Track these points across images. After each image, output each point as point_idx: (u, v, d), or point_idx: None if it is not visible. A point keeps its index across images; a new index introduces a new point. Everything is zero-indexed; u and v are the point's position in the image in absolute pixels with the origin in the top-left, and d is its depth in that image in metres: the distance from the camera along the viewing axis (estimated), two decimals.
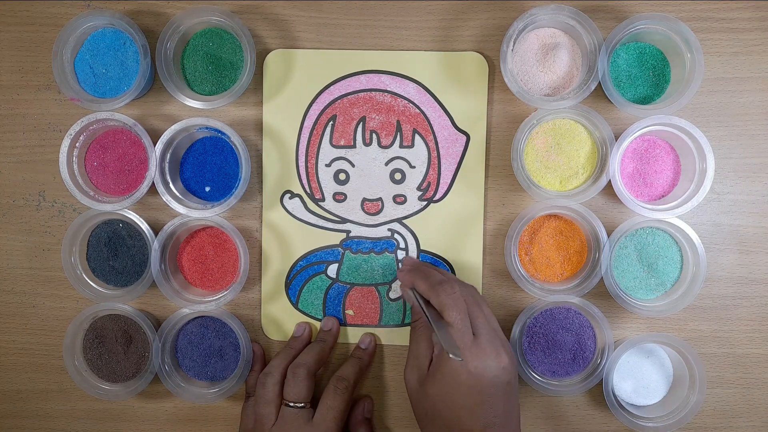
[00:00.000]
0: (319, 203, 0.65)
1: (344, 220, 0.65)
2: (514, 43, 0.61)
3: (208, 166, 0.65)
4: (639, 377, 0.64)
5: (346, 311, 0.65)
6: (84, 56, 0.64)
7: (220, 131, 0.62)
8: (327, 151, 0.65)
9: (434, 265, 0.64)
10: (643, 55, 0.63)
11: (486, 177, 0.65)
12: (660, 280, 0.63)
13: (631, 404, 0.64)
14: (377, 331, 0.66)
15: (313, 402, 0.62)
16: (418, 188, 0.65)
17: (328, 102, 0.65)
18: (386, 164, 0.65)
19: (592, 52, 0.60)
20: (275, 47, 0.65)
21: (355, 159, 0.65)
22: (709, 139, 0.60)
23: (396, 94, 0.64)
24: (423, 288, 0.57)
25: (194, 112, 0.65)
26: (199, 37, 0.64)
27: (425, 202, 0.65)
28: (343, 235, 0.65)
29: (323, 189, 0.65)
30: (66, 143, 0.63)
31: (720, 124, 0.63)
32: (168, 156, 0.63)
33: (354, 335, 0.66)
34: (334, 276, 0.65)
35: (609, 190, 0.61)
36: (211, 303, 0.63)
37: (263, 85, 0.65)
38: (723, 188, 0.64)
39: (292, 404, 0.60)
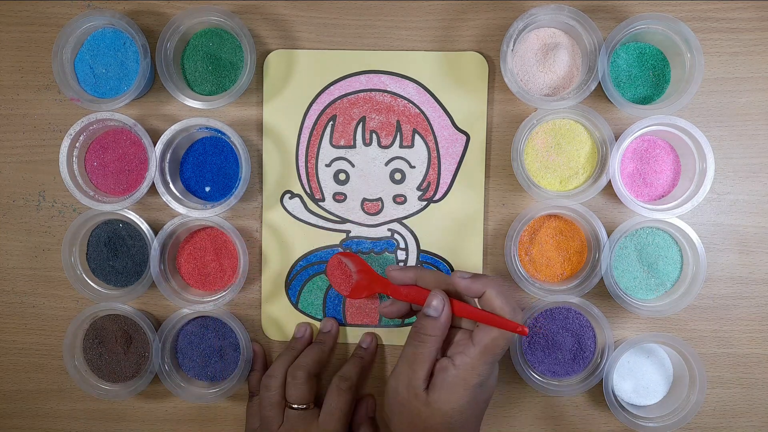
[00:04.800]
0: (319, 203, 0.65)
1: (344, 220, 0.65)
2: (514, 43, 0.61)
3: (208, 166, 0.65)
4: (639, 377, 0.64)
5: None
6: (84, 56, 0.64)
7: (220, 131, 0.62)
8: (327, 151, 0.65)
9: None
10: (643, 55, 0.63)
11: (486, 177, 0.65)
12: (660, 280, 0.63)
13: (631, 404, 0.64)
14: (377, 331, 0.66)
15: (318, 401, 0.62)
16: (418, 188, 0.65)
17: (328, 102, 0.65)
18: (386, 164, 0.65)
19: (592, 52, 0.60)
20: (275, 47, 0.65)
21: (355, 159, 0.65)
22: (709, 139, 0.60)
23: (396, 94, 0.64)
24: (466, 278, 0.54)
25: (194, 112, 0.65)
26: (199, 37, 0.64)
27: (425, 202, 0.65)
28: (343, 235, 0.65)
29: (323, 189, 0.65)
30: (66, 143, 0.63)
31: (720, 124, 0.63)
32: (168, 156, 0.63)
33: (354, 335, 0.66)
34: None
35: (609, 190, 0.61)
36: (210, 303, 0.63)
37: (263, 85, 0.65)
38: (723, 188, 0.64)
39: (295, 406, 0.60)
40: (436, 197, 0.65)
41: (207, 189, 0.65)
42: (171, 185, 0.64)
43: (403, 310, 0.59)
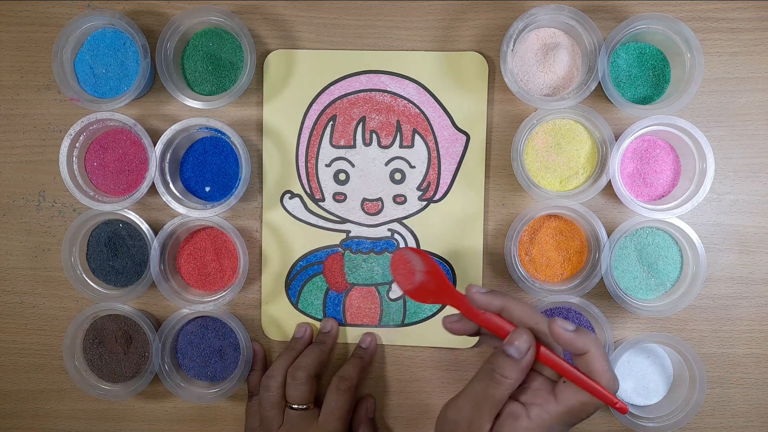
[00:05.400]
0: (319, 203, 0.65)
1: (344, 220, 0.65)
2: (514, 43, 0.61)
3: (208, 166, 0.65)
4: (639, 377, 0.64)
5: None
6: (84, 56, 0.64)
7: (220, 131, 0.62)
8: (327, 151, 0.65)
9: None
10: (643, 55, 0.63)
11: (486, 177, 0.65)
12: (660, 280, 0.63)
13: (631, 404, 0.64)
14: (377, 331, 0.66)
15: (317, 401, 0.62)
16: (418, 188, 0.65)
17: (328, 102, 0.65)
18: (386, 164, 0.65)
19: (592, 52, 0.60)
20: (275, 47, 0.65)
21: (355, 159, 0.65)
22: (709, 139, 0.60)
23: (396, 94, 0.64)
24: (570, 331, 0.47)
25: (194, 112, 0.65)
26: (199, 37, 0.64)
27: (425, 202, 0.65)
28: (343, 235, 0.65)
29: (323, 189, 0.65)
30: (66, 143, 0.63)
31: (720, 124, 0.63)
32: (168, 156, 0.63)
33: (354, 335, 0.66)
34: None
35: (609, 190, 0.61)
36: (210, 303, 0.63)
37: (263, 85, 0.65)
38: (723, 188, 0.64)
39: (295, 406, 0.60)
40: (436, 197, 0.65)
41: (207, 189, 0.65)
42: (171, 185, 0.64)
43: (471, 329, 0.52)
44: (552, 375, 0.49)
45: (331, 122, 0.65)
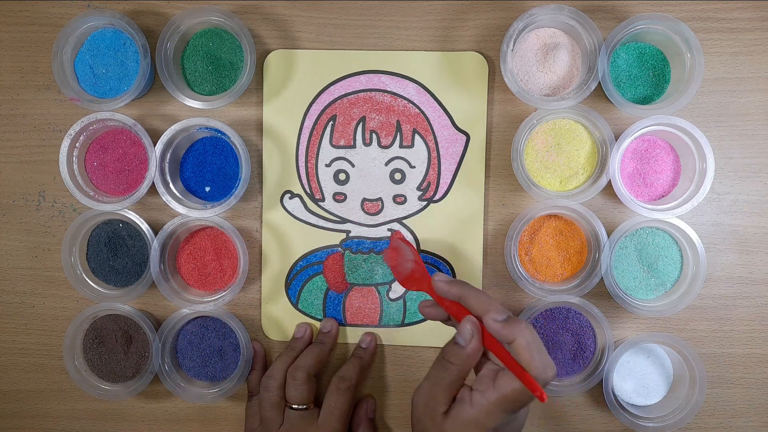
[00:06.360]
0: (319, 203, 0.65)
1: (344, 220, 0.65)
2: (514, 43, 0.61)
3: (208, 166, 0.65)
4: (639, 377, 0.64)
5: None
6: (84, 56, 0.64)
7: (220, 131, 0.62)
8: (327, 151, 0.65)
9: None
10: (643, 55, 0.63)
11: (486, 177, 0.65)
12: (660, 280, 0.63)
13: (631, 404, 0.64)
14: (377, 331, 0.66)
15: (317, 401, 0.62)
16: (418, 188, 0.65)
17: (328, 102, 0.65)
18: (386, 164, 0.65)
19: (592, 52, 0.60)
20: (275, 47, 0.65)
21: (355, 159, 0.65)
22: (709, 139, 0.60)
23: (396, 94, 0.64)
24: (498, 321, 0.48)
25: (194, 112, 0.65)
26: (199, 37, 0.64)
27: (425, 202, 0.65)
28: (343, 235, 0.65)
29: (323, 189, 0.65)
30: (66, 143, 0.63)
31: (720, 124, 0.63)
32: (168, 156, 0.63)
33: (354, 335, 0.66)
34: None
35: (609, 190, 0.61)
36: (210, 303, 0.63)
37: (263, 85, 0.65)
38: (723, 188, 0.64)
39: (295, 407, 0.60)
40: (436, 197, 0.65)
41: (207, 189, 0.65)
42: (171, 185, 0.64)
43: (443, 316, 0.54)
44: (501, 363, 0.50)
45: (331, 122, 0.65)
